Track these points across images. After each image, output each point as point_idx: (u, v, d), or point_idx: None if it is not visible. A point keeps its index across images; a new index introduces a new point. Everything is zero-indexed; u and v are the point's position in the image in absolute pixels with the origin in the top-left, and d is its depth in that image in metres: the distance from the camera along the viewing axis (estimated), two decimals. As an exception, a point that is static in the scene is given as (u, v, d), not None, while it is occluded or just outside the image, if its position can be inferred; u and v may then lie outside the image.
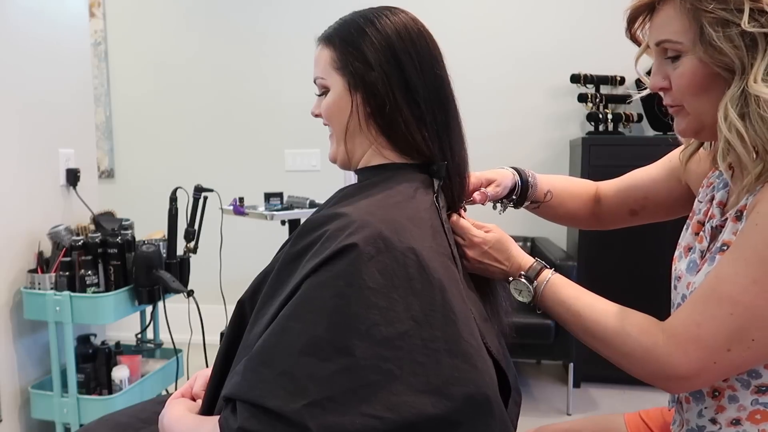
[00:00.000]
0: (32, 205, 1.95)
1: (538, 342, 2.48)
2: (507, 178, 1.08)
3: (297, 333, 0.65)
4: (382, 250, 0.67)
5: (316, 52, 0.87)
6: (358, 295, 0.65)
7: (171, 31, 3.37)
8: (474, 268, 0.92)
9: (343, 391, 0.62)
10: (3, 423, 1.85)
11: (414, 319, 0.65)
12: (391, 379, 0.62)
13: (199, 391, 0.88)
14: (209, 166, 3.31)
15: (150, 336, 2.28)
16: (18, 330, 1.91)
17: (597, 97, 2.90)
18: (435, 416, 0.62)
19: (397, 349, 0.64)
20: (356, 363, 0.62)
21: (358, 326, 0.64)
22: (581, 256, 2.66)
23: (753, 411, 0.78)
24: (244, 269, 3.16)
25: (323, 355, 0.63)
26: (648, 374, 0.77)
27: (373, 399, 0.61)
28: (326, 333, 0.64)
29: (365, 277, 0.65)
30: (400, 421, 0.61)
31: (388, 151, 0.83)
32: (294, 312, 0.67)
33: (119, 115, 3.45)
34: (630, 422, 1.05)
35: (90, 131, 2.29)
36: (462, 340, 0.67)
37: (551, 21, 3.06)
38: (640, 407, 1.09)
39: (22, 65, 1.91)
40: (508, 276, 0.92)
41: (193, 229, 2.08)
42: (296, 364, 0.63)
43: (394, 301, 0.65)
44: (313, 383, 0.62)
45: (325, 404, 0.61)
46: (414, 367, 0.63)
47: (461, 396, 0.64)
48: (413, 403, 0.62)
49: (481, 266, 0.92)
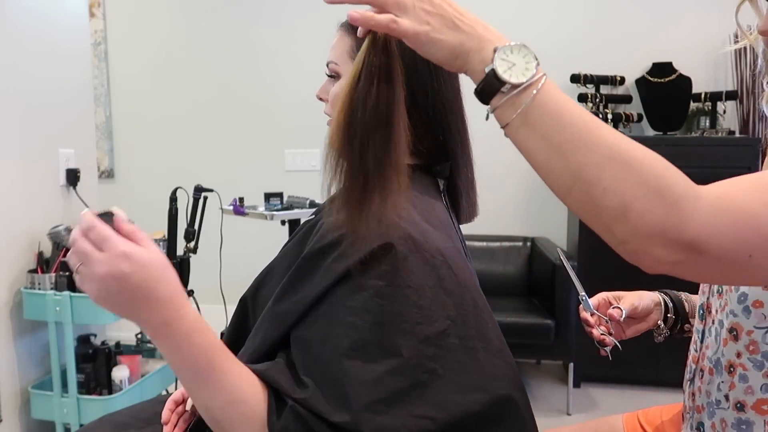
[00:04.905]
0: (32, 205, 1.95)
1: (538, 342, 2.48)
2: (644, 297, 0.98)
3: (340, 337, 0.63)
4: (413, 250, 0.66)
5: (336, 37, 0.84)
6: (399, 294, 0.64)
7: (171, 31, 3.37)
8: (414, 34, 0.59)
9: (393, 393, 0.61)
10: (3, 423, 1.85)
11: (449, 318, 0.65)
12: (436, 378, 0.62)
13: None
14: (209, 166, 3.31)
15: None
16: (18, 330, 1.91)
17: (597, 97, 2.90)
18: (480, 413, 0.63)
19: (438, 347, 0.63)
20: (404, 363, 0.62)
21: (402, 325, 0.63)
22: (581, 256, 2.66)
23: (761, 399, 0.76)
24: (244, 269, 3.16)
25: (369, 358, 0.62)
26: (649, 214, 0.54)
27: (423, 399, 0.61)
28: (370, 334, 0.62)
29: (404, 275, 0.64)
30: (450, 420, 0.61)
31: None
32: (333, 317, 0.65)
33: (119, 115, 3.45)
34: (627, 424, 1.04)
35: (90, 131, 2.29)
36: (493, 337, 0.68)
37: (551, 21, 3.06)
38: (639, 407, 1.09)
39: (22, 65, 1.91)
40: (484, 41, 0.59)
41: (193, 229, 2.08)
42: (342, 369, 0.62)
43: (431, 300, 0.65)
44: (362, 387, 0.61)
45: (377, 407, 0.60)
46: (455, 365, 0.64)
47: (500, 392, 0.64)
48: (460, 402, 0.62)
49: (429, 28, 0.59)
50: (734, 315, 0.78)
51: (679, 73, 2.89)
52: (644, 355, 2.52)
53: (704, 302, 0.87)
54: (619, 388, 2.70)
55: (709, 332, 0.85)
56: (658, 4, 2.98)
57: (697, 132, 2.87)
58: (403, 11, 0.59)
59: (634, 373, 2.64)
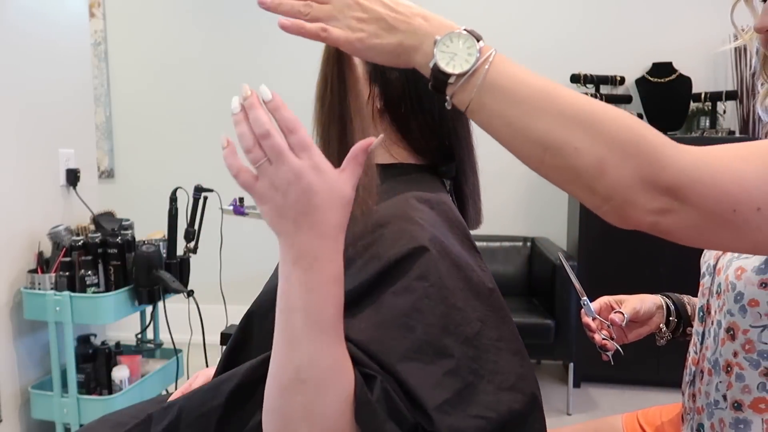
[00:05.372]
0: (32, 205, 1.95)
1: (538, 342, 2.48)
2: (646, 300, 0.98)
3: (394, 339, 0.61)
4: (441, 252, 0.66)
5: None
6: (441, 295, 0.64)
7: (171, 31, 3.37)
8: (346, 42, 0.59)
9: (453, 393, 0.60)
10: (3, 423, 1.85)
11: (480, 319, 0.66)
12: (479, 378, 0.63)
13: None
14: (209, 166, 3.29)
15: (150, 336, 2.28)
16: (18, 330, 1.91)
17: (597, 97, 2.89)
18: (519, 412, 0.63)
19: (476, 348, 0.64)
20: (456, 364, 0.61)
21: (448, 326, 0.63)
22: (581, 256, 2.66)
23: (757, 398, 0.76)
24: (244, 269, 3.17)
25: (427, 359, 0.61)
26: (626, 162, 0.53)
27: (474, 400, 0.61)
28: (425, 335, 0.61)
29: (441, 277, 0.64)
30: (499, 419, 0.61)
31: (399, 149, 0.82)
32: (382, 322, 0.62)
33: (119, 115, 3.45)
34: (627, 424, 1.04)
35: (90, 131, 2.29)
36: (516, 339, 0.69)
37: (551, 21, 3.06)
38: (640, 407, 1.09)
39: (22, 65, 1.91)
40: (423, 36, 0.58)
41: (193, 229, 2.08)
42: (404, 372, 0.60)
43: (464, 301, 0.65)
44: (429, 389, 0.59)
45: (445, 408, 0.59)
46: (491, 365, 0.64)
47: (529, 392, 0.65)
48: (505, 401, 0.63)
49: (362, 27, 0.59)
50: (731, 314, 0.78)
51: (679, 73, 2.89)
52: (644, 355, 2.52)
53: (704, 304, 0.87)
54: (619, 388, 2.70)
55: (709, 333, 0.85)
56: (658, 4, 2.98)
57: (697, 132, 2.87)
58: (333, 19, 0.59)
59: (634, 373, 2.64)
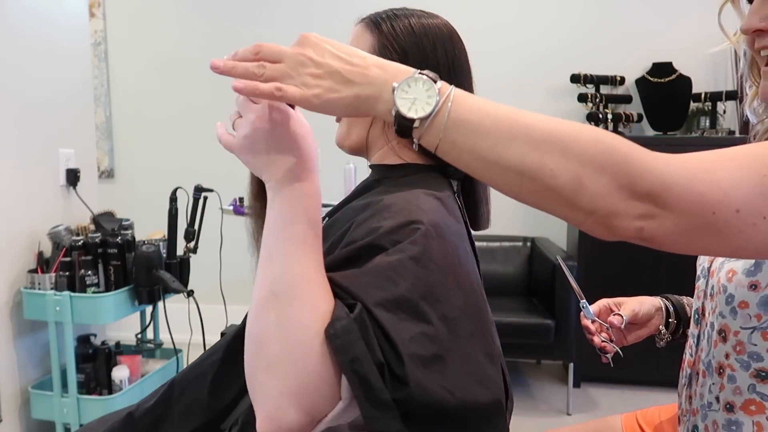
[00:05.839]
0: (32, 205, 1.95)
1: (538, 342, 2.48)
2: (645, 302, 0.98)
3: (371, 286, 0.61)
4: (438, 235, 0.67)
5: (357, 29, 0.84)
6: (429, 266, 0.64)
7: (171, 31, 3.37)
8: (302, 99, 0.59)
9: (428, 354, 0.60)
10: (3, 423, 1.85)
11: (460, 309, 0.65)
12: (451, 357, 0.62)
13: None
14: (209, 166, 3.30)
15: (150, 336, 2.28)
16: (18, 330, 1.91)
17: (597, 97, 2.90)
18: (484, 408, 0.63)
19: (452, 331, 0.63)
20: (434, 331, 0.61)
21: (431, 296, 0.62)
22: (581, 256, 2.66)
23: (748, 400, 0.76)
24: (244, 269, 3.16)
25: (404, 317, 0.60)
26: (602, 174, 0.55)
27: (444, 373, 0.60)
28: (406, 292, 0.61)
29: (433, 253, 0.64)
30: (463, 403, 0.61)
31: (407, 150, 0.82)
32: (367, 272, 0.63)
33: (119, 115, 3.45)
34: (626, 424, 1.04)
35: (90, 131, 2.29)
36: (489, 344, 0.68)
37: (551, 21, 3.06)
38: (639, 407, 1.09)
39: (22, 65, 1.91)
40: (381, 85, 0.58)
41: (193, 229, 2.08)
42: (380, 316, 0.59)
43: (450, 284, 0.65)
44: (399, 337, 0.58)
45: (416, 362, 0.59)
46: (463, 353, 0.63)
47: (496, 395, 0.65)
48: (472, 391, 0.62)
49: (317, 81, 0.59)
50: (723, 316, 0.79)
51: (679, 73, 2.89)
52: (644, 356, 2.51)
53: (699, 306, 0.87)
54: (619, 388, 2.70)
55: (703, 335, 0.85)
56: (658, 4, 2.98)
57: (697, 132, 2.88)
58: (288, 78, 0.59)
59: (633, 373, 2.64)
